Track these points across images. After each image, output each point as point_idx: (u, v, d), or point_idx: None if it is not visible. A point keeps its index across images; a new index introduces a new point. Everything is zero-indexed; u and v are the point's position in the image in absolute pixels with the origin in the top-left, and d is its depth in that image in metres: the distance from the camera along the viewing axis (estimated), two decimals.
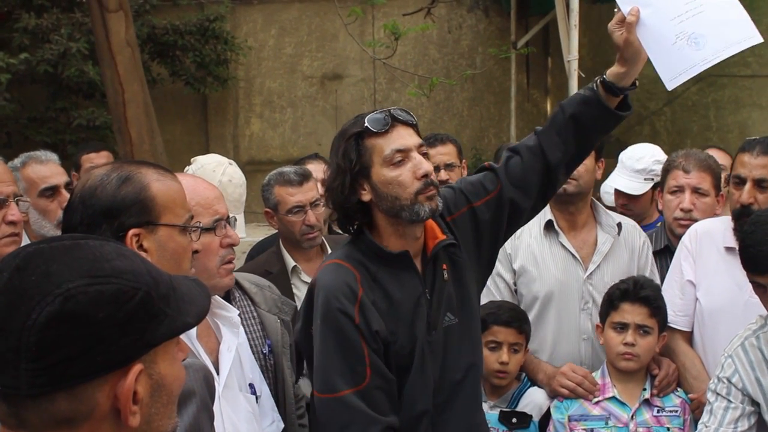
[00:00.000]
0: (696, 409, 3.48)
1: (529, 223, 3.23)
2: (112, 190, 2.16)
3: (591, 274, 3.74)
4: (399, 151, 2.72)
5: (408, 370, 2.77)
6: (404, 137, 2.75)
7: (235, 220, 2.82)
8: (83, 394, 1.31)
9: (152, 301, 1.37)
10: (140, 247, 2.14)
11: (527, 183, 2.92)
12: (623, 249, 3.84)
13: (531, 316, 3.76)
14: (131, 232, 2.13)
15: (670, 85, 2.81)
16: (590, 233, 3.85)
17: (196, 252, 2.34)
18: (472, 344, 2.96)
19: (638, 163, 4.77)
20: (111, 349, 1.31)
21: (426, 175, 2.71)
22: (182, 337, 1.50)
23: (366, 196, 2.76)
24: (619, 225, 3.84)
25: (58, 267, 1.34)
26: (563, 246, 3.77)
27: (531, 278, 3.75)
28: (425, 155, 2.78)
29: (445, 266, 2.86)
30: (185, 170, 4.11)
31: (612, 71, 2.84)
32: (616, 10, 2.83)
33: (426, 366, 2.79)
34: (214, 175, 4.05)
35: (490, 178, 2.96)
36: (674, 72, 2.78)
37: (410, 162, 2.72)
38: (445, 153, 4.96)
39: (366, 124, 2.74)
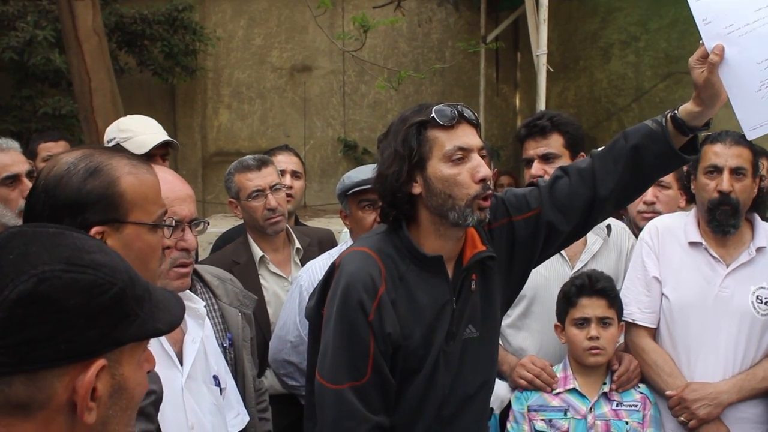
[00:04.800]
0: (676, 405, 3.49)
1: None
2: (78, 183, 2.01)
3: (578, 272, 3.71)
4: (461, 148, 2.60)
5: (416, 374, 2.70)
6: (468, 136, 2.64)
7: (206, 224, 2.77)
8: (42, 381, 1.30)
9: (126, 299, 1.36)
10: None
11: (570, 207, 2.80)
12: (612, 250, 3.83)
13: (517, 313, 3.75)
14: (94, 229, 2.00)
15: (750, 135, 2.64)
16: None
17: (167, 248, 2.25)
18: (488, 360, 2.88)
19: None
20: (77, 339, 1.30)
21: (484, 180, 2.61)
22: None
23: (417, 189, 2.65)
24: (609, 227, 3.83)
25: (38, 249, 1.33)
26: None
27: None
28: (485, 159, 2.67)
29: (474, 276, 2.77)
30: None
31: (685, 108, 2.66)
32: (701, 42, 2.58)
33: (437, 374, 2.71)
34: (111, 127, 4.10)
35: (534, 195, 2.83)
36: (755, 122, 2.59)
37: (469, 162, 2.61)
38: None
39: (432, 115, 2.61)
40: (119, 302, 1.35)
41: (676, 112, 2.68)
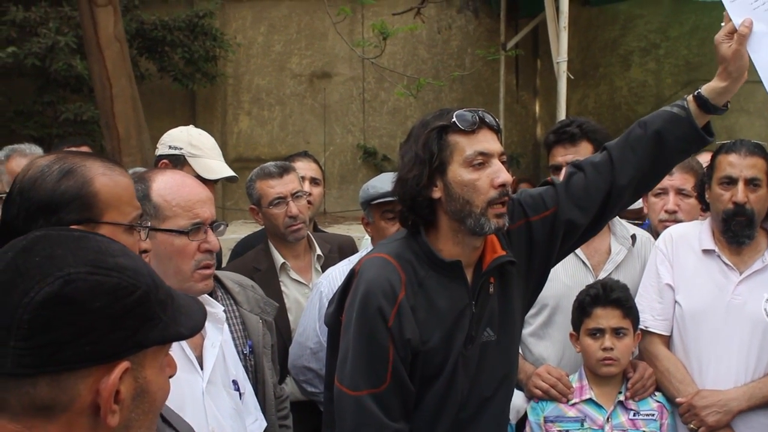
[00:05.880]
0: (686, 412, 3.47)
1: None
2: (52, 183, 2.03)
3: None
4: (482, 153, 2.61)
5: (435, 379, 2.70)
6: (489, 141, 2.64)
7: (225, 225, 2.78)
8: (66, 382, 1.31)
9: (149, 302, 1.38)
10: None
11: (588, 201, 2.81)
12: (636, 260, 3.80)
13: (539, 322, 3.73)
14: None
15: None
16: (603, 242, 3.79)
17: (145, 252, 2.20)
18: (506, 363, 2.87)
19: None
20: (101, 341, 1.31)
21: (503, 185, 2.61)
22: None
23: (437, 194, 2.66)
24: (633, 237, 3.81)
25: (63, 252, 1.35)
26: (574, 253, 3.66)
27: None
28: (504, 164, 2.67)
29: (492, 279, 2.77)
30: (156, 149, 4.10)
31: (710, 87, 2.73)
32: (722, 23, 2.70)
33: (456, 379, 2.71)
34: (181, 135, 4.05)
35: (550, 194, 2.84)
36: None
37: (489, 168, 2.62)
38: None
39: (453, 120, 2.62)
40: (143, 305, 1.37)
41: (699, 91, 2.74)
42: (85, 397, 1.32)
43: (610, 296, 3.46)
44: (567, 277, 3.70)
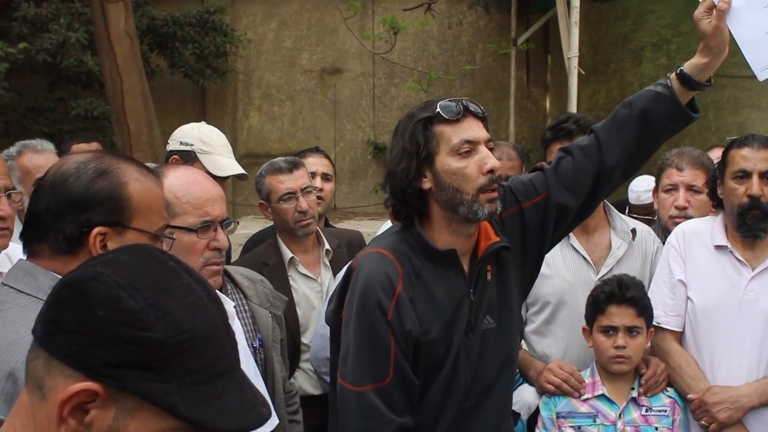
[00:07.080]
0: (697, 409, 3.45)
1: None
2: (86, 182, 2.02)
3: (603, 277, 3.67)
4: (468, 141, 2.63)
5: (439, 370, 2.71)
6: (474, 129, 2.66)
7: (236, 224, 2.78)
8: (54, 369, 1.29)
9: (156, 353, 1.27)
10: (104, 247, 2.00)
11: (577, 184, 2.83)
12: (637, 254, 3.79)
13: (542, 319, 3.72)
14: (96, 230, 2.00)
15: (761, 76, 2.73)
16: (603, 237, 3.79)
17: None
18: (506, 350, 2.87)
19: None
20: (85, 348, 1.26)
21: (492, 171, 2.63)
22: None
23: (426, 184, 2.68)
24: (634, 231, 3.79)
25: (126, 260, 1.35)
26: (574, 249, 3.72)
27: (541, 281, 3.53)
28: (492, 151, 2.69)
29: (489, 267, 2.78)
30: (168, 144, 4.10)
31: (692, 63, 2.74)
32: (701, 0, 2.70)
33: (459, 368, 2.72)
34: (192, 131, 4.05)
35: (540, 179, 2.86)
36: (766, 62, 2.71)
37: (477, 155, 2.64)
38: None
39: (437, 110, 2.64)
40: (144, 348, 1.26)
41: (681, 68, 2.75)
42: (60, 394, 1.28)
43: (625, 294, 3.44)
44: (569, 274, 3.70)
